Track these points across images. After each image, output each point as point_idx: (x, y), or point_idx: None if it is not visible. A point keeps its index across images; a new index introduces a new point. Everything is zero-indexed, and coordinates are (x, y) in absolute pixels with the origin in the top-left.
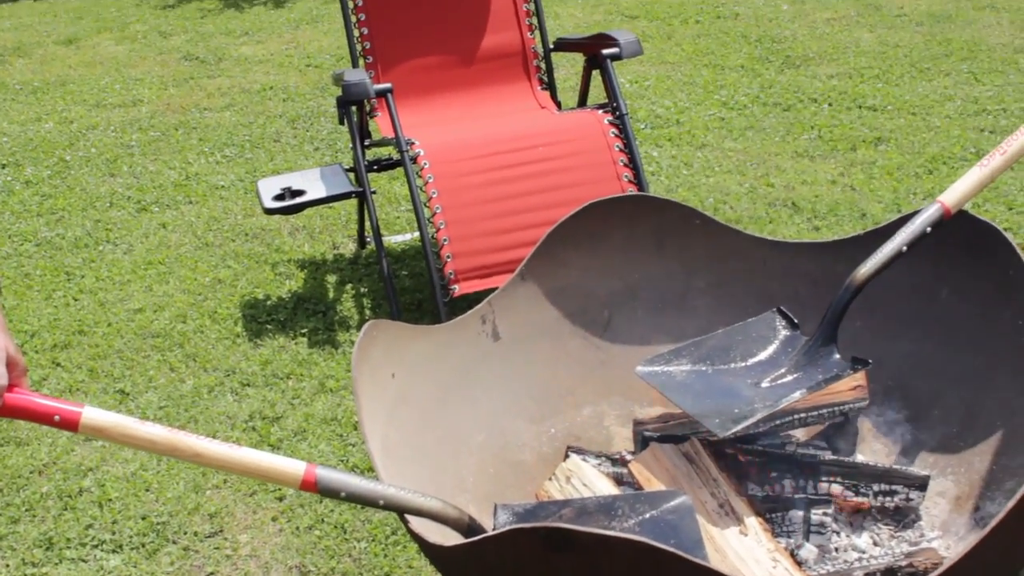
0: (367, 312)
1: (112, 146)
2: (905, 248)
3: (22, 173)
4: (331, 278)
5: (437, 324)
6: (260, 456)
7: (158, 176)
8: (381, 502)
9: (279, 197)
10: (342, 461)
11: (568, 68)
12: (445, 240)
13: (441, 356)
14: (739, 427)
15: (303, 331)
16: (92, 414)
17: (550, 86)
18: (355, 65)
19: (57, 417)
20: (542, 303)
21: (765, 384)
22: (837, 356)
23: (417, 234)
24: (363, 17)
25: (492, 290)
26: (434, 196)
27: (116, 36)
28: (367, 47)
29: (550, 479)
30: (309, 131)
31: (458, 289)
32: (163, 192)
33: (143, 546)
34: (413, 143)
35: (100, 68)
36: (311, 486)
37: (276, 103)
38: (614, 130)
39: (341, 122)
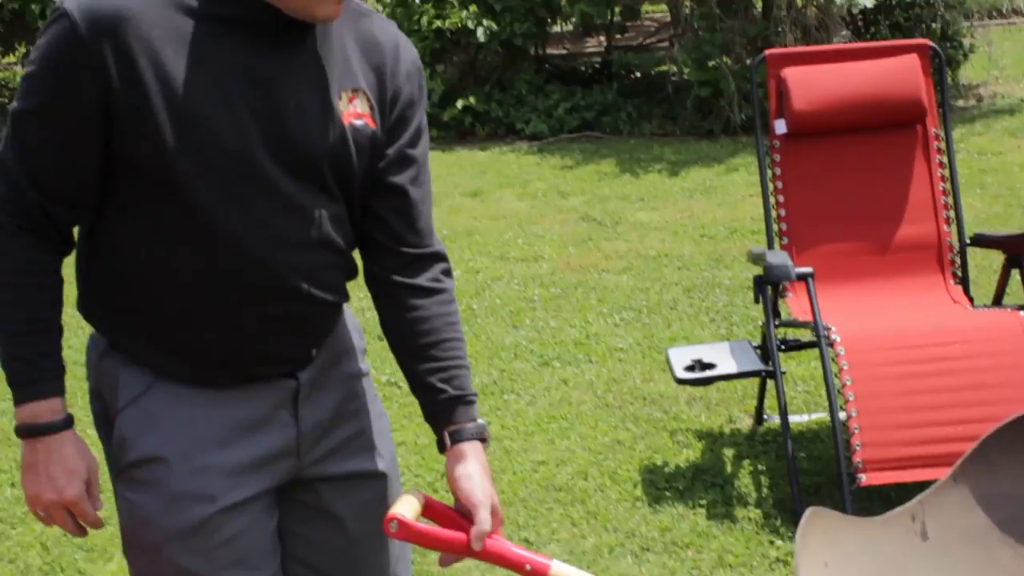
0: (764, 490)
1: (515, 299)
2: None
3: None
4: (728, 451)
5: (863, 516)
6: None
7: (559, 332)
8: None
9: (690, 368)
10: None
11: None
12: (856, 428)
13: (870, 549)
14: None
15: (701, 502)
16: (560, 568)
17: (963, 281)
18: (770, 243)
19: (528, 567)
20: (972, 508)
21: None
22: None
23: (815, 416)
24: (781, 199)
25: (899, 484)
26: (848, 384)
27: (518, 192)
28: (783, 228)
29: None
30: (704, 301)
31: (866, 479)
32: (564, 348)
33: None
34: (830, 328)
35: (503, 222)
36: None
37: (671, 271)
38: None
39: (756, 301)
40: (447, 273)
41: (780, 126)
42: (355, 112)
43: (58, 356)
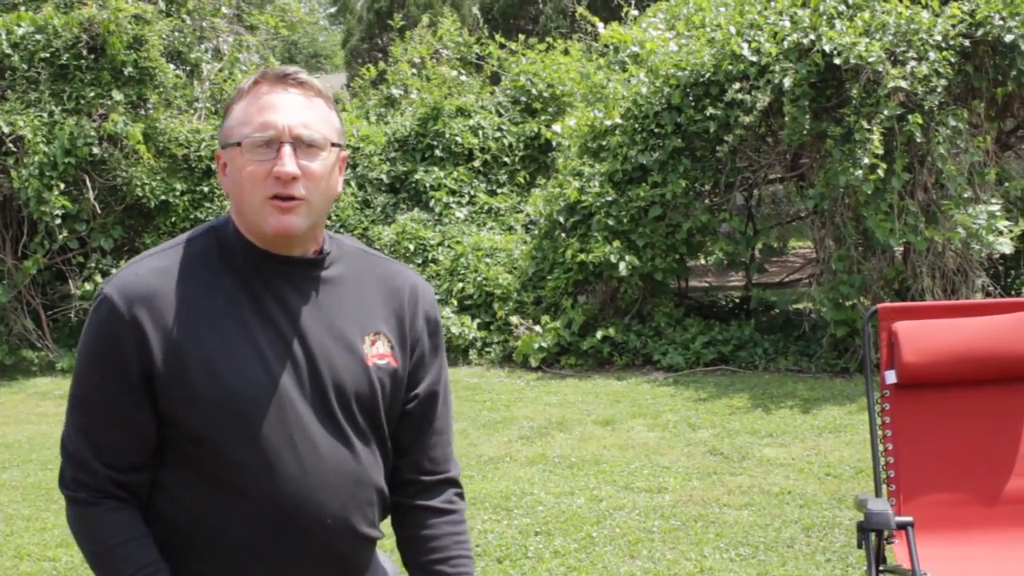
0: None
1: (635, 529)
2: None
3: (552, 542)
4: None
5: None
6: None
7: (674, 564)
8: None
9: None
10: None
11: None
12: None
13: None
14: None
15: None
16: None
17: None
18: (878, 490)
19: None
20: None
21: None
22: None
23: None
24: (890, 447)
25: None
26: None
27: (649, 423)
28: (891, 475)
29: None
30: (822, 541)
31: None
32: None
33: None
34: None
35: (631, 452)
36: None
37: (792, 508)
38: None
39: (859, 546)
40: (460, 496)
41: (890, 376)
42: (377, 353)
43: None
